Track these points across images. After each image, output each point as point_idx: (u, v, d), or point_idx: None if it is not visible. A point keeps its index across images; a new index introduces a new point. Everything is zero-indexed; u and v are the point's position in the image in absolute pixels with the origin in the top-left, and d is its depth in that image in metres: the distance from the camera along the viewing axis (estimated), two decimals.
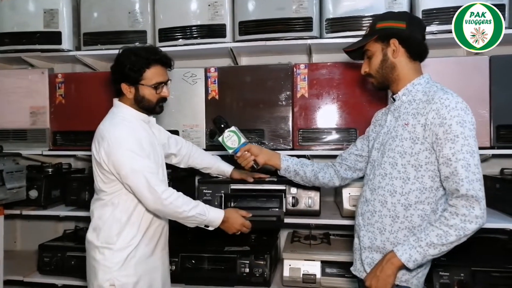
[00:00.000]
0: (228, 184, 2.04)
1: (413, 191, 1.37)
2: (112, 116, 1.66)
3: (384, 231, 1.42)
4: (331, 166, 1.76)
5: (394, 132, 1.44)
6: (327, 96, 2.13)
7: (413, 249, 1.30)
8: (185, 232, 2.34)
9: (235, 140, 1.75)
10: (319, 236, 2.29)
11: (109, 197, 1.62)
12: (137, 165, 1.56)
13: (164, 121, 2.26)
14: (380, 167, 1.45)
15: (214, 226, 1.69)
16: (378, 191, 1.45)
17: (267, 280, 2.02)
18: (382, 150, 1.47)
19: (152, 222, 1.67)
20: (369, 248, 1.45)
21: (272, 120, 2.16)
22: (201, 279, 2.08)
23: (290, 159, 1.75)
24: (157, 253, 1.71)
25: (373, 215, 1.46)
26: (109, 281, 1.58)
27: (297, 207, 1.97)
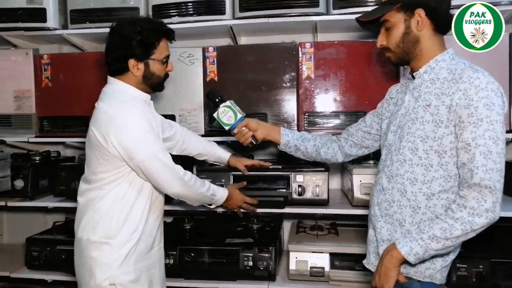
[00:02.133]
0: (228, 172, 1.90)
1: (437, 179, 1.25)
2: (114, 95, 1.49)
3: (404, 223, 1.30)
4: (335, 141, 1.65)
5: (413, 114, 1.30)
6: (335, 77, 1.99)
7: (414, 241, 1.19)
8: (183, 223, 2.22)
9: (231, 116, 1.63)
10: (325, 226, 2.17)
11: (109, 186, 1.47)
12: (155, 148, 1.44)
13: (159, 105, 2.11)
14: (398, 153, 1.32)
15: (217, 205, 1.68)
16: (396, 179, 1.32)
17: (272, 274, 1.90)
18: (400, 134, 1.34)
19: (151, 213, 1.55)
20: (388, 241, 1.33)
21: (276, 103, 2.02)
22: (201, 273, 1.96)
23: (291, 133, 1.64)
24: (155, 247, 1.59)
25: (391, 205, 1.33)
26: (108, 280, 1.43)
27: (303, 196, 1.84)
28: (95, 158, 1.47)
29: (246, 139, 1.65)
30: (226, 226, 2.22)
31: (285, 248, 2.23)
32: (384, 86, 1.87)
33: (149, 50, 1.50)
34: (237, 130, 1.63)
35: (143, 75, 1.51)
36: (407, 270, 1.29)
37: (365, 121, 1.61)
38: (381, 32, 1.38)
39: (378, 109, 1.57)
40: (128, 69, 1.49)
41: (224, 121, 1.63)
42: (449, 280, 1.73)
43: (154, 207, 1.55)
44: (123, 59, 1.48)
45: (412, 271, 1.28)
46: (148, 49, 1.49)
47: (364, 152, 1.64)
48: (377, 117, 1.57)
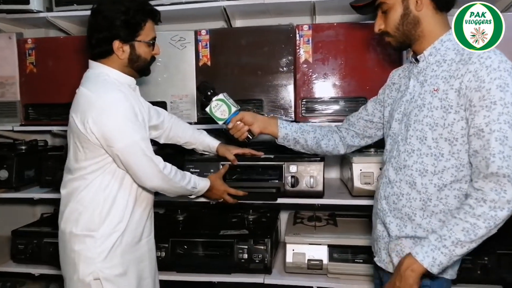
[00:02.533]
0: (217, 162, 1.81)
1: (449, 169, 1.16)
2: (96, 79, 1.40)
3: (414, 217, 1.21)
4: (336, 132, 1.57)
5: (420, 100, 1.21)
6: (334, 61, 1.89)
7: (436, 250, 1.09)
8: (175, 214, 2.14)
9: (224, 110, 1.53)
10: (324, 217, 2.09)
11: (91, 175, 1.38)
12: (136, 137, 1.35)
13: (149, 91, 2.02)
14: (406, 143, 1.23)
15: (197, 195, 1.62)
16: (404, 171, 1.23)
17: (268, 267, 1.82)
18: (406, 122, 1.25)
19: (138, 204, 1.47)
20: (397, 237, 1.24)
21: (272, 89, 1.92)
22: (194, 267, 1.88)
23: (289, 125, 1.56)
24: (143, 239, 1.51)
25: (399, 198, 1.24)
26: (92, 274, 1.36)
27: (297, 187, 1.75)
28: (75, 146, 1.39)
29: (242, 134, 1.55)
30: (221, 217, 2.14)
31: (281, 240, 2.15)
32: (386, 70, 1.77)
33: (135, 31, 1.41)
34: (231, 125, 1.54)
35: (129, 58, 1.42)
36: None
37: (366, 109, 1.52)
38: (378, 16, 1.29)
39: (380, 95, 1.48)
40: (112, 52, 1.40)
41: (217, 116, 1.54)
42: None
43: (141, 198, 1.47)
44: (107, 41, 1.39)
45: None
46: (133, 29, 1.40)
47: (367, 142, 1.56)
48: (379, 104, 1.47)
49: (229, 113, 1.52)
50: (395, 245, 1.25)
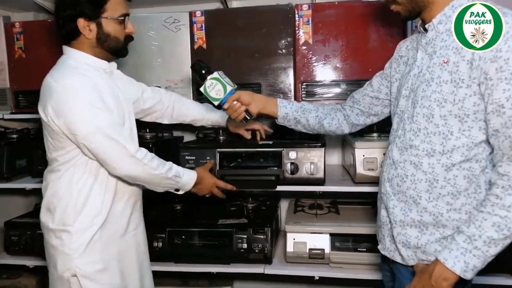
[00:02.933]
0: (214, 149, 1.74)
1: (458, 148, 1.06)
2: (62, 65, 1.32)
3: (419, 200, 1.12)
4: (340, 110, 1.47)
5: (428, 74, 1.11)
6: (335, 42, 1.80)
7: (468, 253, 1.00)
8: (173, 203, 2.08)
9: (219, 90, 1.42)
10: (325, 205, 2.03)
11: (63, 167, 1.30)
12: (99, 121, 1.25)
13: (144, 76, 1.94)
14: (412, 121, 1.14)
15: (185, 190, 1.48)
16: (410, 151, 1.14)
17: (268, 257, 1.76)
18: (413, 99, 1.15)
19: (121, 194, 1.38)
20: (402, 222, 1.16)
21: (271, 72, 1.85)
22: (192, 257, 1.82)
23: (289, 104, 1.46)
24: (130, 231, 1.43)
25: (403, 180, 1.15)
26: (69, 271, 1.29)
27: (296, 174, 1.68)
28: (45, 137, 1.32)
29: (239, 115, 1.44)
30: (219, 206, 2.07)
31: (282, 229, 2.10)
32: (389, 51, 1.67)
33: (99, 6, 1.30)
34: (227, 105, 1.43)
35: (97, 37, 1.32)
36: (428, 256, 1.12)
37: (371, 85, 1.42)
38: None
39: (386, 70, 1.38)
40: (79, 32, 1.30)
41: (212, 96, 1.43)
42: None
43: (123, 189, 1.38)
44: (72, 19, 1.29)
45: (433, 257, 1.10)
46: (98, 5, 1.30)
47: (373, 120, 1.46)
48: (385, 79, 1.37)
49: (224, 92, 1.42)
50: (398, 234, 1.17)
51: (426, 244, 1.12)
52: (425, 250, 1.12)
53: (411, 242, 1.14)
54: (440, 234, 1.10)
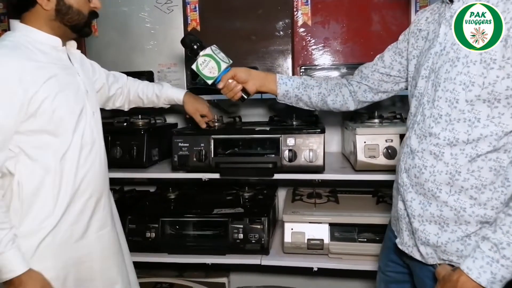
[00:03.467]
0: (208, 135, 1.66)
1: (486, 138, 0.94)
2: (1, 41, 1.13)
3: (439, 193, 1.01)
4: (345, 85, 1.36)
5: (453, 53, 0.98)
6: (335, 24, 1.73)
7: (495, 263, 0.90)
8: (167, 192, 2.02)
9: (213, 67, 1.33)
10: (324, 193, 1.96)
11: (9, 164, 1.12)
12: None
13: (134, 60, 1.87)
14: (432, 105, 1.02)
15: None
16: (430, 139, 1.02)
17: (265, 247, 1.70)
18: (434, 80, 1.02)
19: (78, 193, 1.19)
20: (420, 217, 1.05)
21: (268, 55, 1.77)
22: (186, 248, 1.75)
23: (290, 81, 1.36)
24: (91, 235, 1.24)
25: (421, 171, 1.04)
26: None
27: (295, 162, 1.60)
28: None
29: (235, 94, 1.35)
30: (215, 195, 2.01)
31: (279, 219, 2.03)
32: (393, 33, 1.61)
33: None
34: (222, 84, 1.34)
35: (56, 9, 1.14)
36: (449, 256, 1.02)
37: (383, 60, 1.28)
38: None
39: (400, 43, 1.24)
40: (35, 2, 1.13)
41: (205, 74, 1.34)
42: None
43: (82, 187, 1.20)
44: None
45: (455, 257, 1.02)
46: None
47: (382, 97, 1.34)
48: (398, 55, 1.24)
49: (218, 70, 1.32)
50: (417, 230, 1.06)
51: (447, 242, 1.01)
52: (446, 250, 1.01)
53: (431, 240, 1.03)
54: (463, 231, 0.99)
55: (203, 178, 1.68)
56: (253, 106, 2.09)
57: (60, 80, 1.15)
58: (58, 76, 1.15)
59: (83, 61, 1.34)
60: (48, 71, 1.13)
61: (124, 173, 1.81)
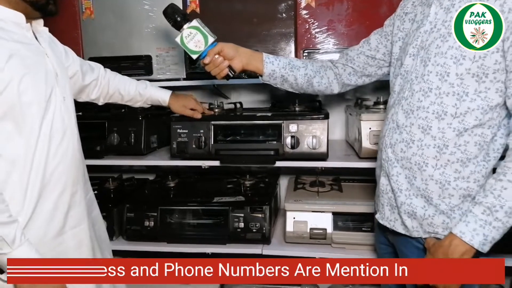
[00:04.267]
0: (208, 121, 1.61)
1: (473, 111, 0.99)
2: None
3: (425, 167, 1.05)
4: (331, 68, 1.37)
5: (444, 29, 1.02)
6: (339, 5, 1.66)
7: (487, 225, 0.95)
8: (166, 180, 1.98)
9: (199, 40, 1.26)
10: (327, 182, 1.91)
11: None
12: None
13: (132, 44, 1.81)
14: (422, 80, 1.05)
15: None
16: (417, 113, 1.06)
17: (266, 237, 1.66)
18: (423, 56, 1.06)
19: (50, 189, 1.09)
20: (407, 191, 1.09)
21: (270, 38, 1.71)
22: (185, 237, 1.71)
23: (276, 60, 1.33)
24: (66, 231, 1.14)
25: (408, 146, 1.08)
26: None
27: (297, 149, 1.55)
28: None
29: (221, 71, 1.30)
30: (215, 183, 1.97)
31: (281, 207, 1.99)
32: None
33: None
34: (208, 59, 1.28)
35: None
36: (434, 228, 1.07)
37: (369, 42, 1.31)
38: None
39: (386, 27, 1.27)
40: None
41: (190, 48, 1.26)
42: None
43: (52, 181, 1.09)
44: None
45: (441, 229, 1.06)
46: None
47: (365, 81, 1.37)
48: (384, 38, 1.27)
49: (205, 44, 1.25)
50: (403, 203, 1.10)
51: (434, 215, 1.06)
52: (432, 222, 1.06)
53: (417, 212, 1.08)
54: (446, 205, 1.04)
55: (203, 165, 1.64)
56: (255, 92, 2.04)
57: (25, 60, 1.02)
58: (23, 56, 1.02)
59: (53, 42, 1.23)
60: (9, 49, 0.99)
61: (122, 160, 1.77)
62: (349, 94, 1.99)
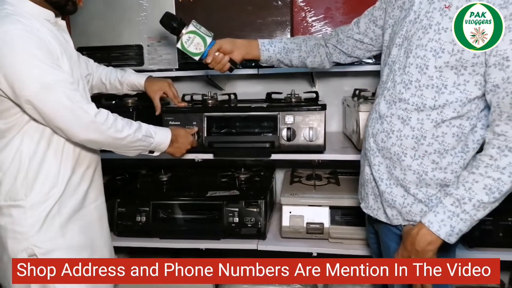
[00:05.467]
0: (201, 113, 1.56)
1: (451, 104, 0.99)
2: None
3: (404, 157, 1.06)
4: (323, 46, 1.41)
5: (426, 20, 1.01)
6: None
7: (455, 217, 0.95)
8: (158, 174, 1.92)
9: (199, 43, 1.32)
10: (324, 175, 1.87)
11: (8, 135, 1.10)
12: (49, 78, 1.04)
13: (122, 34, 1.76)
14: (403, 72, 1.05)
15: (160, 150, 1.34)
16: (398, 105, 1.06)
17: (261, 232, 1.62)
18: (407, 48, 1.05)
19: (79, 163, 1.20)
20: (388, 180, 1.10)
21: (265, 27, 1.67)
22: (178, 232, 1.67)
23: (272, 46, 1.39)
24: (89, 205, 1.25)
25: (389, 136, 1.08)
26: (26, 251, 1.11)
27: (294, 141, 1.51)
28: None
29: (223, 66, 1.37)
30: (209, 177, 1.92)
31: (277, 201, 1.95)
32: None
33: None
34: (210, 58, 1.34)
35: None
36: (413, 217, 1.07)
37: (358, 26, 1.32)
38: None
39: (376, 11, 1.27)
40: None
41: (191, 51, 1.33)
42: (471, 235, 1.44)
43: (82, 156, 1.21)
44: None
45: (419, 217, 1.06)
46: None
47: (354, 60, 1.42)
48: (373, 23, 1.28)
49: (204, 45, 1.32)
50: (383, 192, 1.10)
51: (412, 203, 1.07)
52: (411, 210, 1.07)
53: (397, 201, 1.09)
54: (424, 194, 1.05)
55: (196, 158, 1.59)
56: (250, 83, 1.99)
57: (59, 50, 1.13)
58: (56, 46, 1.12)
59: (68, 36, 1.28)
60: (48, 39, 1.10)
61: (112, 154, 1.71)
62: (346, 85, 1.94)
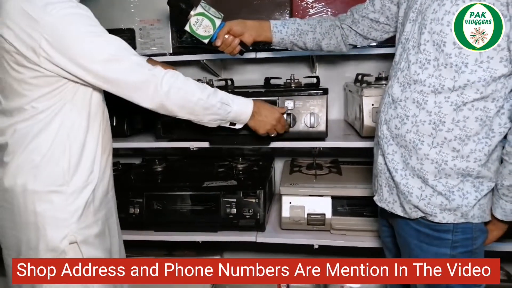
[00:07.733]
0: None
1: (473, 84, 0.91)
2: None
3: (421, 145, 0.97)
4: (338, 28, 1.32)
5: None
6: None
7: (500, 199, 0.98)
8: (153, 165, 1.86)
9: (207, 25, 1.24)
10: (325, 164, 1.80)
11: (47, 116, 1.05)
12: (113, 47, 1.04)
13: (113, 16, 1.68)
14: (418, 50, 0.96)
15: (242, 122, 1.26)
16: (414, 87, 0.97)
17: (260, 223, 1.55)
18: (420, 23, 0.96)
19: (107, 148, 1.19)
20: (403, 171, 1.01)
21: (263, 9, 1.59)
22: (174, 224, 1.61)
23: (285, 28, 1.31)
24: (110, 191, 1.23)
25: (403, 122, 0.99)
26: (67, 239, 1.07)
27: (294, 128, 1.44)
28: (14, 80, 1.03)
29: (234, 49, 1.29)
30: (205, 167, 1.85)
31: (276, 192, 1.88)
32: None
33: None
34: (220, 41, 1.27)
35: None
36: (432, 210, 0.99)
37: (373, 4, 1.22)
38: None
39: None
40: None
41: (200, 34, 1.26)
42: None
43: (105, 141, 1.18)
44: None
45: (439, 210, 0.99)
46: None
47: (371, 43, 1.35)
48: (389, 1, 1.18)
49: (213, 28, 1.25)
50: (399, 184, 1.02)
51: (431, 196, 0.99)
52: (430, 202, 0.99)
53: (414, 193, 1.01)
54: (443, 185, 0.97)
55: (191, 147, 1.52)
56: (247, 68, 1.91)
57: None
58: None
59: None
60: None
61: None
62: (348, 71, 1.86)
